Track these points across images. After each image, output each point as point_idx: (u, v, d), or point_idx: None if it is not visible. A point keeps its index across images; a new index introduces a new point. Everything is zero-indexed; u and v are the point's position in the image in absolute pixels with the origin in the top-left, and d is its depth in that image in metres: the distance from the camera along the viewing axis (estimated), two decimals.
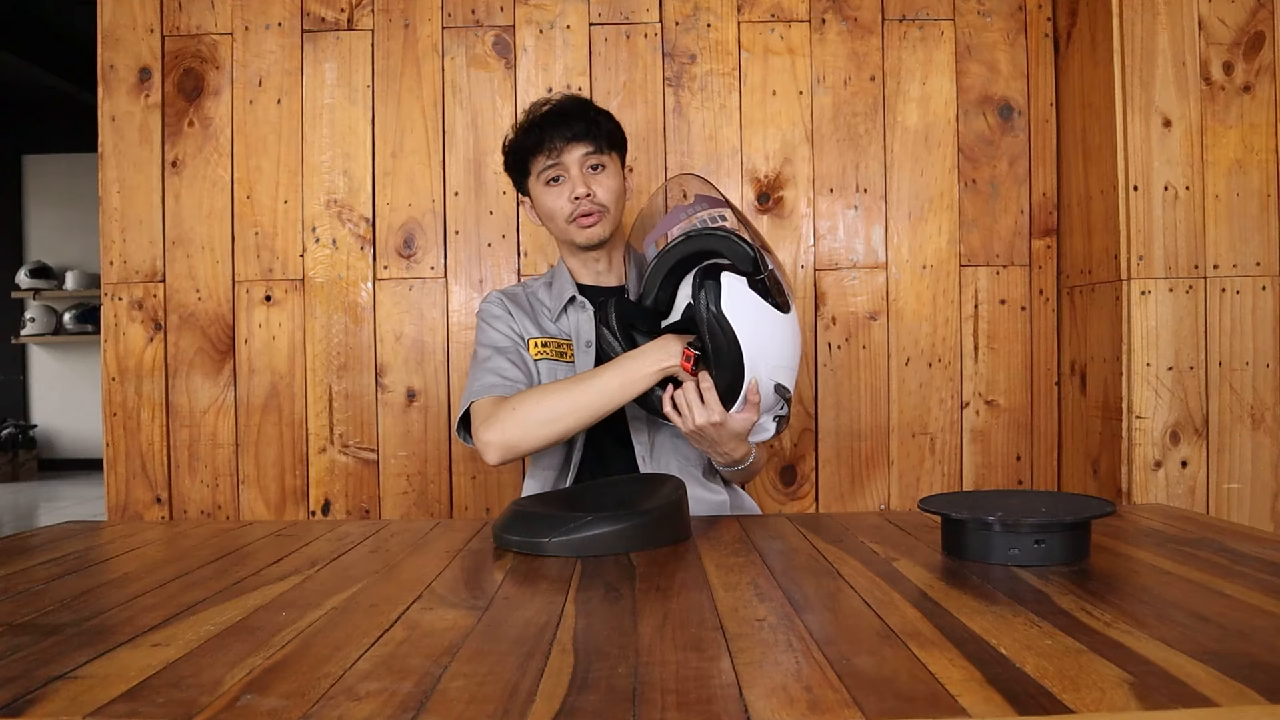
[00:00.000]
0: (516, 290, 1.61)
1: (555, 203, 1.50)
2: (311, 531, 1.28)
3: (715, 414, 1.27)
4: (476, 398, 1.42)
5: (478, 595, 0.91)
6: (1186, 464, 1.73)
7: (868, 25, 2.02)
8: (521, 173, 1.54)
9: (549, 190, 1.50)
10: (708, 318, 1.24)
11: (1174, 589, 0.88)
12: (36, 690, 0.66)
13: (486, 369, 1.46)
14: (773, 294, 1.28)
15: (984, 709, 0.59)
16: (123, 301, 2.02)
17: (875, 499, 2.03)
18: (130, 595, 0.94)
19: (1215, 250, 1.74)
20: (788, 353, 1.32)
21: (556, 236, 1.57)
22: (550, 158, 1.48)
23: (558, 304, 1.56)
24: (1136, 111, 1.74)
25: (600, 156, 1.49)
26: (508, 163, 1.57)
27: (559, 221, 1.51)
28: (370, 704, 0.62)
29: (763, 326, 1.27)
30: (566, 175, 1.49)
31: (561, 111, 1.49)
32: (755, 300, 1.27)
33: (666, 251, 1.35)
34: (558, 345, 1.52)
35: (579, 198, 1.47)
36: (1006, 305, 2.02)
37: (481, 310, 1.57)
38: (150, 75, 2.02)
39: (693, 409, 1.28)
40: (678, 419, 1.31)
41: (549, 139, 1.47)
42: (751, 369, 1.26)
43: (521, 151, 1.51)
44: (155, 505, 2.02)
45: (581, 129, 1.48)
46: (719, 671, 0.67)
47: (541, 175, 1.50)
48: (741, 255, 1.29)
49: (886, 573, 0.96)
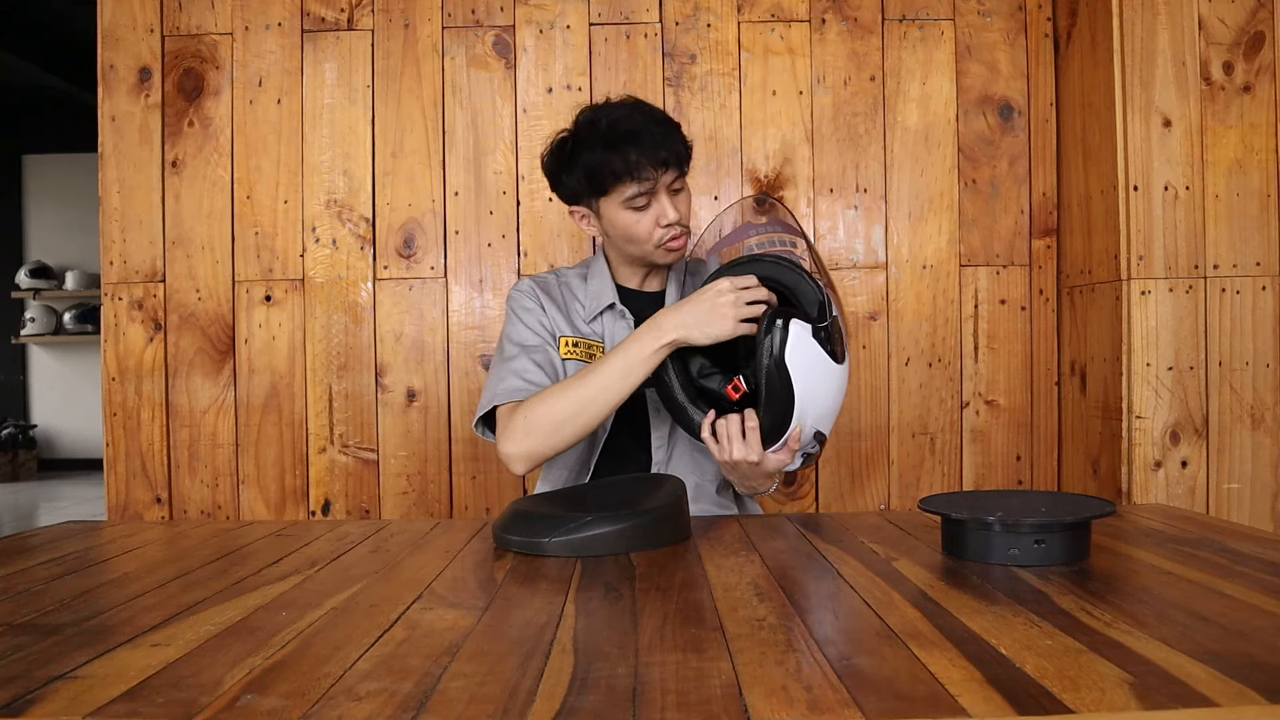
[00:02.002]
0: (549, 279, 1.55)
1: (639, 227, 1.42)
2: (311, 531, 1.28)
3: (754, 454, 1.27)
4: (499, 401, 1.39)
5: (478, 595, 0.91)
6: (1186, 464, 1.73)
7: (868, 25, 2.02)
8: (593, 190, 1.43)
9: (633, 214, 1.42)
10: (769, 363, 1.22)
11: (1174, 589, 0.88)
12: (36, 690, 0.66)
13: (510, 369, 1.42)
14: (833, 342, 1.27)
15: (984, 709, 0.59)
16: (123, 301, 2.02)
17: (875, 499, 2.03)
18: (130, 595, 0.94)
19: (1215, 250, 1.74)
20: (834, 402, 1.32)
21: (625, 252, 1.49)
22: (642, 186, 1.39)
23: (594, 305, 1.51)
24: (1136, 111, 1.74)
25: (682, 180, 1.44)
26: (576, 176, 1.44)
27: (643, 244, 1.44)
28: (370, 704, 0.62)
29: (818, 377, 1.26)
30: (654, 200, 1.41)
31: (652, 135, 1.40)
32: (817, 351, 1.25)
33: (733, 266, 1.33)
34: (588, 347, 1.49)
35: (670, 224, 1.41)
36: (1006, 305, 2.02)
37: (512, 298, 1.52)
38: (150, 75, 2.02)
39: (733, 443, 1.27)
40: (714, 447, 1.29)
41: (642, 165, 1.38)
42: (799, 418, 1.26)
43: (603, 171, 1.39)
44: (155, 505, 2.02)
45: (674, 153, 1.40)
46: (719, 671, 0.67)
47: (626, 200, 1.41)
48: (809, 296, 1.28)
49: (886, 573, 0.96)
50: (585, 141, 1.41)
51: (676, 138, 1.42)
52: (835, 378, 1.29)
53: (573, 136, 1.44)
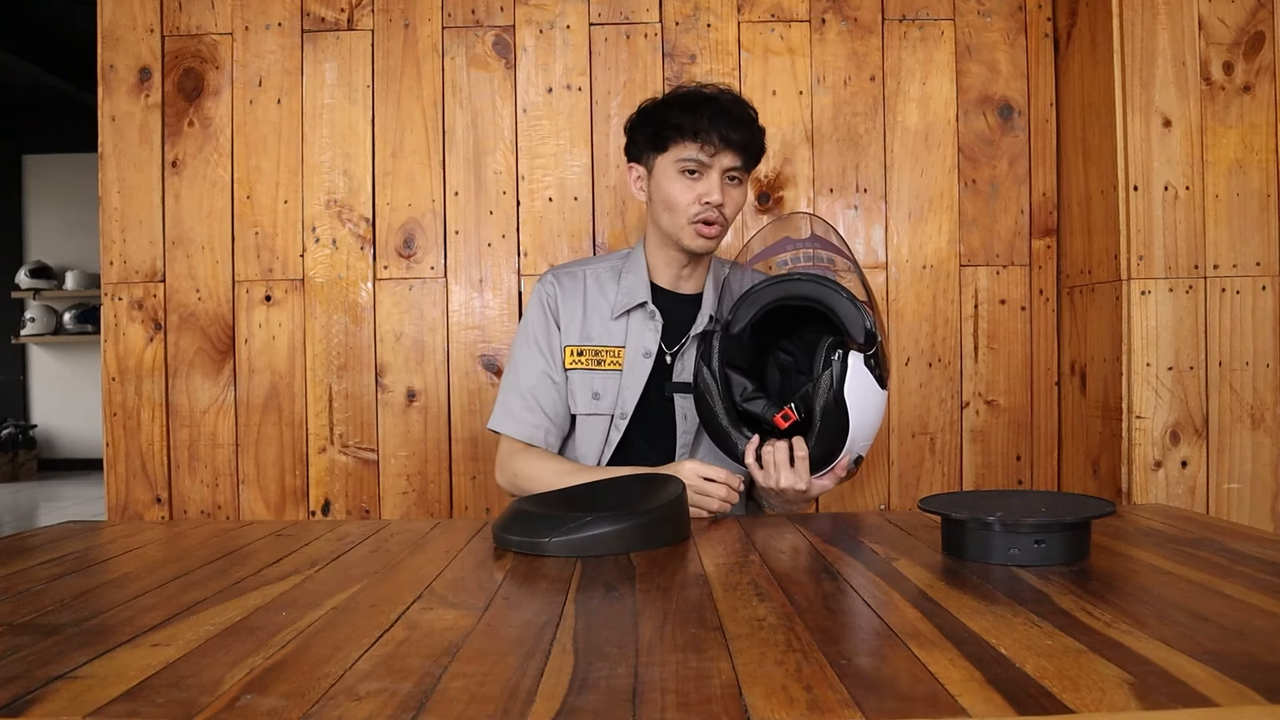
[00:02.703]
0: (576, 274, 1.54)
1: (684, 195, 1.40)
2: (311, 531, 1.28)
3: (802, 482, 1.26)
4: (503, 429, 1.50)
5: (478, 595, 0.91)
6: (1186, 464, 1.73)
7: (868, 25, 2.02)
8: (654, 145, 1.43)
9: (681, 179, 1.40)
10: (828, 397, 1.22)
11: (1174, 589, 0.88)
12: (36, 690, 0.66)
13: (516, 395, 1.50)
14: (881, 368, 1.26)
15: (984, 709, 0.59)
16: (123, 301, 2.02)
17: (875, 499, 2.03)
18: (130, 595, 0.94)
19: (1215, 250, 1.74)
20: (876, 426, 1.32)
21: (659, 226, 1.47)
22: (703, 151, 1.38)
23: (624, 301, 1.49)
24: (1136, 111, 1.74)
25: (742, 173, 1.43)
26: (647, 129, 1.44)
27: (678, 215, 1.42)
28: (370, 704, 0.62)
29: (868, 405, 1.26)
30: (705, 175, 1.40)
31: (730, 112, 1.39)
32: (870, 382, 1.25)
33: (778, 282, 1.31)
34: (596, 354, 1.48)
35: (710, 203, 1.40)
36: (1006, 305, 2.02)
37: (535, 297, 1.53)
38: (150, 75, 2.02)
39: (780, 470, 1.27)
40: (759, 473, 1.29)
41: (709, 130, 1.37)
42: (850, 447, 1.26)
43: (669, 125, 1.39)
44: (155, 505, 2.02)
45: (742, 139, 1.39)
46: (719, 671, 0.67)
47: (680, 160, 1.39)
48: (856, 322, 1.26)
49: (886, 573, 0.96)
50: (671, 100, 1.44)
51: (753, 131, 1.42)
52: (881, 403, 1.29)
53: (663, 98, 1.47)
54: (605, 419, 1.48)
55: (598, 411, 1.48)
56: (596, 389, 1.48)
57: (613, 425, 1.48)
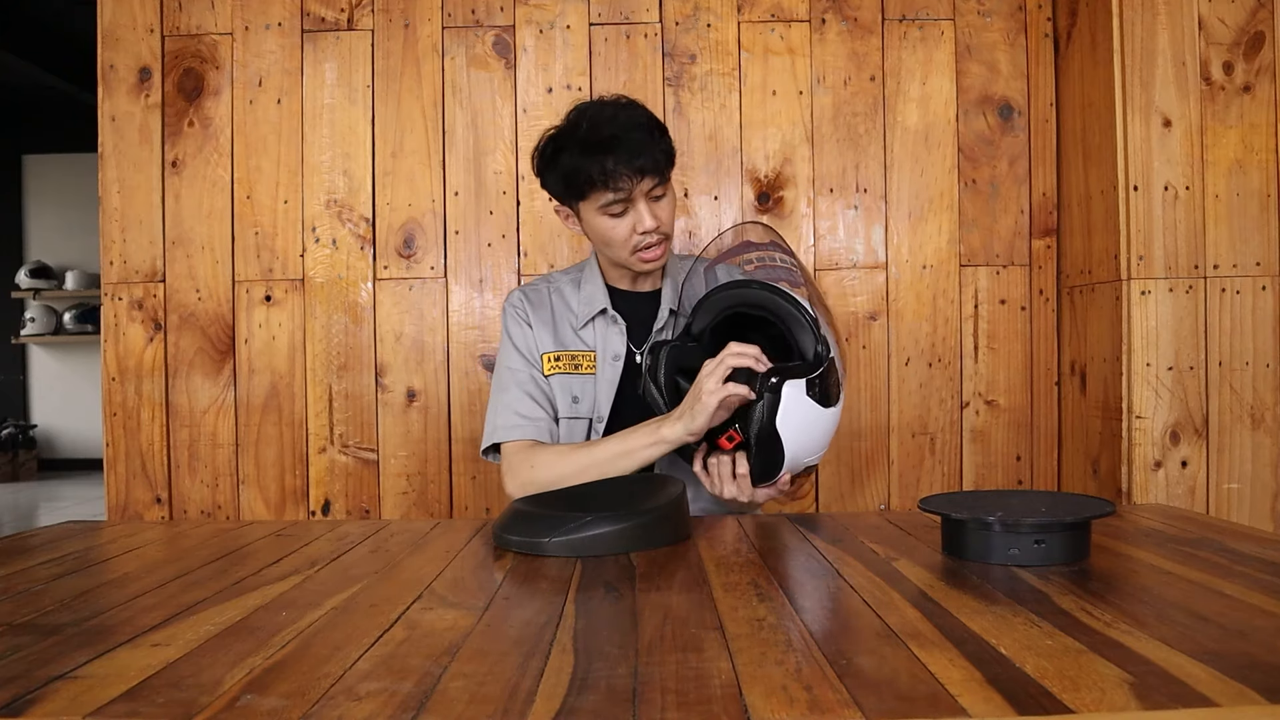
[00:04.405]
0: (540, 288, 1.56)
1: (616, 233, 1.42)
2: (311, 531, 1.28)
3: (744, 495, 1.31)
4: (500, 439, 1.46)
5: (478, 595, 0.91)
6: (1186, 464, 1.73)
7: (868, 25, 2.02)
8: (575, 195, 1.42)
9: (610, 220, 1.41)
10: (759, 430, 1.25)
11: (1174, 589, 0.88)
12: (36, 690, 0.66)
13: (505, 402, 1.48)
14: (827, 386, 1.27)
15: (984, 709, 0.59)
16: (123, 301, 2.02)
17: (875, 499, 2.03)
18: (130, 595, 0.94)
19: (1215, 250, 1.74)
20: (824, 441, 1.34)
21: (606, 256, 1.50)
22: (617, 194, 1.38)
23: (585, 311, 1.52)
24: (1136, 111, 1.74)
25: (663, 185, 1.42)
26: (556, 178, 1.43)
27: (618, 250, 1.43)
28: (370, 704, 0.62)
29: (810, 427, 1.28)
30: (631, 208, 1.40)
31: (629, 140, 1.37)
32: (810, 407, 1.26)
33: (727, 288, 1.34)
34: (572, 358, 1.50)
35: (646, 231, 1.40)
36: (1006, 305, 2.02)
37: (505, 315, 1.54)
38: (150, 75, 2.02)
39: (723, 482, 1.31)
40: (705, 480, 1.34)
41: (617, 173, 1.36)
42: (789, 467, 1.29)
43: (579, 178, 1.39)
44: (155, 505, 2.02)
45: (652, 160, 1.38)
46: (719, 671, 0.67)
47: (602, 206, 1.40)
48: (807, 344, 1.29)
49: (886, 573, 0.96)
50: (565, 145, 1.41)
51: (656, 144, 1.40)
52: (828, 422, 1.31)
53: (555, 138, 1.44)
54: (584, 422, 1.51)
55: (577, 415, 1.51)
56: (575, 393, 1.50)
57: (592, 428, 1.50)
